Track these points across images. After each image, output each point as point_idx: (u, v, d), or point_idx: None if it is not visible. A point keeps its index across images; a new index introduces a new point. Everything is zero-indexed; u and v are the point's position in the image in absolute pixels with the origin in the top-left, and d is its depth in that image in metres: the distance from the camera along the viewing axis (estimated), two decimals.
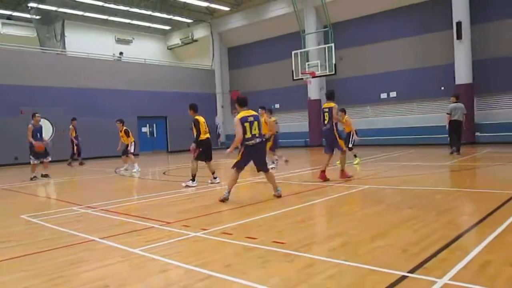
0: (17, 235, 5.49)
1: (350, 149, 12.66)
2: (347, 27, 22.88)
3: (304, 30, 21.89)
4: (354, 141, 12.88)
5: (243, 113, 7.22)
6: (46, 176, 12.87)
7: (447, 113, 14.18)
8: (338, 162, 10.13)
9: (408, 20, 21.13)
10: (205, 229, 5.11)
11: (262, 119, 13.77)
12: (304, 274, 3.43)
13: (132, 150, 14.22)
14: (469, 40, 18.63)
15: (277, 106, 26.45)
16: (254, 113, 7.31)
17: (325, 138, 9.71)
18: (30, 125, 12.52)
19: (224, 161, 15.05)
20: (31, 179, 12.44)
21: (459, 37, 18.48)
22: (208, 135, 9.82)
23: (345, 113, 12.54)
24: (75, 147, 17.85)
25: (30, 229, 5.86)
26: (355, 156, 12.96)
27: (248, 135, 7.11)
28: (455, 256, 3.65)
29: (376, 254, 3.86)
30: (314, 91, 23.60)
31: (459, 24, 18.41)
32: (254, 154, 7.23)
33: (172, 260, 3.95)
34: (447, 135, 14.46)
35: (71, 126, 17.92)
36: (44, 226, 5.90)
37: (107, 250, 4.46)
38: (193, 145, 9.41)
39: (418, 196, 6.91)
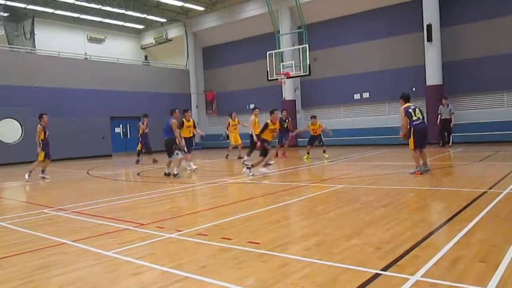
0: None
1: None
2: (321, 28, 23.13)
3: (279, 31, 21.98)
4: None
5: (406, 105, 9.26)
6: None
7: (438, 113, 17.37)
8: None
9: (381, 22, 21.51)
10: (179, 230, 5.06)
11: (253, 118, 14.00)
12: (279, 274, 3.43)
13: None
14: (439, 42, 19.11)
15: (251, 106, 26.46)
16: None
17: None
18: (40, 126, 12.47)
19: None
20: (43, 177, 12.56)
21: (429, 39, 18.92)
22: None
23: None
24: (143, 144, 17.05)
25: None
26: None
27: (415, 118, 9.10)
28: (426, 253, 3.73)
29: (350, 253, 3.91)
30: (289, 91, 23.73)
31: (429, 26, 18.85)
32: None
33: (146, 262, 3.90)
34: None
35: (141, 123, 17.22)
36: (13, 229, 5.72)
37: (79, 254, 4.36)
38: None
39: (391, 195, 7.03)
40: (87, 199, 8.14)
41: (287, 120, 16.25)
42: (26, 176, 12.25)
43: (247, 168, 10.65)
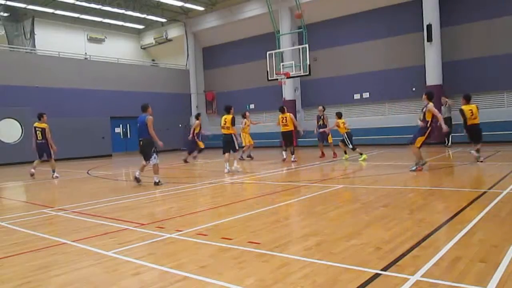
0: None
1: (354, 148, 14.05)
2: (321, 29, 23.13)
3: (279, 31, 21.98)
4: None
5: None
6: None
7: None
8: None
9: (381, 22, 21.51)
10: (179, 230, 5.06)
11: (246, 121, 14.04)
12: (279, 273, 3.44)
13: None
14: (439, 42, 19.12)
15: (252, 106, 26.48)
16: None
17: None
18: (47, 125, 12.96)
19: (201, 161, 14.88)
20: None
21: (429, 39, 18.93)
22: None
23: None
24: (197, 143, 16.84)
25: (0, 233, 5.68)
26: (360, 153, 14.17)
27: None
28: (427, 253, 3.73)
29: (350, 253, 3.91)
30: (289, 91, 23.73)
31: (429, 26, 18.85)
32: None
33: (146, 262, 3.90)
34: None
35: (197, 122, 16.96)
36: (13, 229, 5.72)
37: (79, 254, 4.36)
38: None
39: (391, 195, 7.04)
40: (87, 199, 8.14)
41: (322, 117, 15.84)
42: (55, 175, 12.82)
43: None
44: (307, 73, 18.72)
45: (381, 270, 3.36)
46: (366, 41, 22.04)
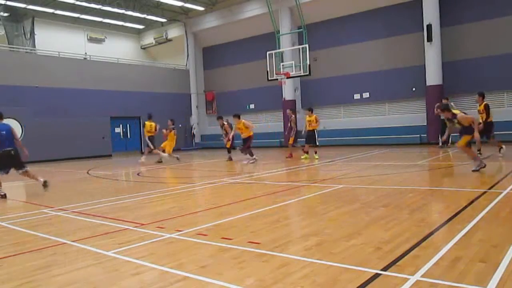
0: None
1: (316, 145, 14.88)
2: (321, 28, 23.15)
3: (279, 31, 21.98)
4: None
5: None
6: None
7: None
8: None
9: (381, 22, 21.52)
10: (179, 230, 5.06)
11: (240, 125, 14.17)
12: (280, 273, 3.44)
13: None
14: (439, 42, 19.12)
15: (252, 106, 26.50)
16: None
17: None
18: None
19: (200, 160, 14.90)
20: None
21: (429, 39, 18.94)
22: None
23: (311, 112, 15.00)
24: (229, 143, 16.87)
25: None
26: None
27: None
28: (426, 253, 3.73)
29: (350, 253, 3.91)
30: (289, 91, 23.73)
31: (429, 26, 18.86)
32: None
33: (147, 262, 3.90)
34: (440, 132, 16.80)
35: (226, 123, 17.10)
36: (13, 229, 5.72)
37: (79, 254, 4.36)
38: None
39: (390, 195, 7.04)
40: (87, 199, 8.15)
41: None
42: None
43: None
44: (307, 73, 18.72)
45: (381, 270, 3.36)
46: (366, 41, 22.08)
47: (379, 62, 21.72)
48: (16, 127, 20.19)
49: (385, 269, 3.38)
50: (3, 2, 22.56)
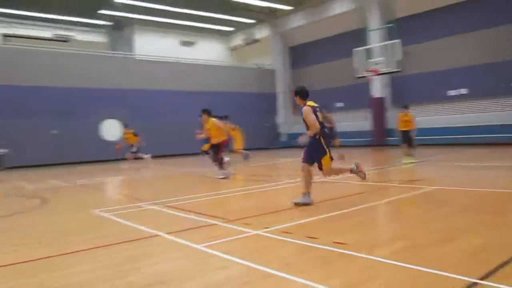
0: (87, 228, 5.85)
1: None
2: (412, 22, 21.99)
3: (367, 27, 21.35)
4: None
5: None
6: None
7: None
8: None
9: (478, 12, 19.88)
10: (266, 227, 5.15)
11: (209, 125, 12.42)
12: (365, 276, 3.36)
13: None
14: None
15: (340, 105, 26.02)
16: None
17: None
18: None
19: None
20: None
21: None
22: None
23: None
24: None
25: (100, 223, 6.23)
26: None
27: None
28: None
29: (441, 258, 3.69)
30: (378, 88, 22.95)
31: None
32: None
33: (234, 257, 4.02)
34: None
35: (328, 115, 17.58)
36: (114, 220, 6.23)
37: (170, 245, 4.64)
38: None
39: (488, 199, 6.52)
40: (179, 194, 8.60)
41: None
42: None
43: None
44: (399, 69, 17.96)
45: (478, 279, 3.13)
46: (462, 34, 20.48)
47: (476, 56, 20.05)
48: (116, 127, 22.01)
49: (483, 278, 3.14)
50: (108, 13, 24.65)
